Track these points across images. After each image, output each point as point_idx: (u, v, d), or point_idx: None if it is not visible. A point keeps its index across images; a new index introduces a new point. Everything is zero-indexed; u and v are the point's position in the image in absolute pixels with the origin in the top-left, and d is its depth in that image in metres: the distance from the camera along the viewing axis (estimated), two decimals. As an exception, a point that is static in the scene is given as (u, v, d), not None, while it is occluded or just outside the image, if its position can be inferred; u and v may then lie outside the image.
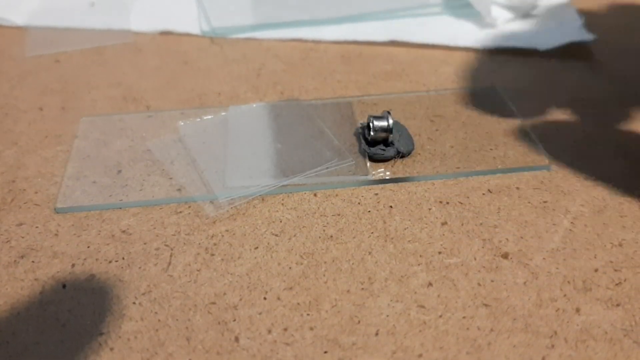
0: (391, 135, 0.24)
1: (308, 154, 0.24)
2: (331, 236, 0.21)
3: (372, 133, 0.24)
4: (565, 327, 0.18)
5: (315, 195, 0.23)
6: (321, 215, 0.22)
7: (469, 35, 0.33)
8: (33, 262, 0.20)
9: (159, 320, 0.18)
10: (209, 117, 0.26)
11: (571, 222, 0.21)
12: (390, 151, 0.24)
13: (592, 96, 0.28)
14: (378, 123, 0.24)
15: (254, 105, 0.27)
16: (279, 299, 0.19)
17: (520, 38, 0.32)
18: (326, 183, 0.23)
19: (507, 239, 0.21)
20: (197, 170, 0.23)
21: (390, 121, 0.24)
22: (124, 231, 0.21)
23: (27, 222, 0.22)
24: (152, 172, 0.24)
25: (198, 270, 0.20)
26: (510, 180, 0.23)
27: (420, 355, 0.17)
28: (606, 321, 0.18)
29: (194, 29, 0.35)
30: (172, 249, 0.21)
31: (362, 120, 0.26)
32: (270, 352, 0.17)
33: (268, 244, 0.21)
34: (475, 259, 0.20)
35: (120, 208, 0.22)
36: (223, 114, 0.26)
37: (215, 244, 0.21)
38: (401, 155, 0.24)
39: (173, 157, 0.24)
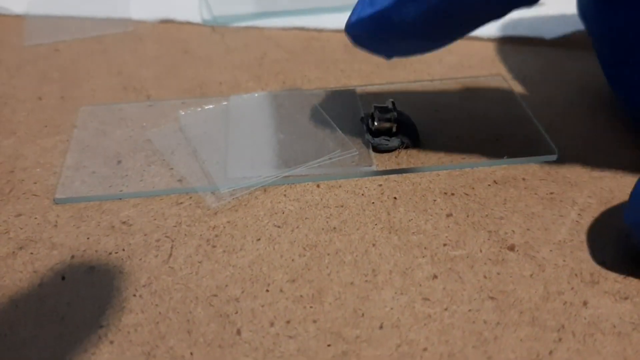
0: (395, 126, 0.23)
1: (311, 145, 0.24)
2: (334, 228, 0.21)
3: (375, 123, 0.23)
4: (573, 321, 0.18)
5: (318, 186, 0.22)
6: (324, 207, 0.22)
7: (474, 23, 0.32)
8: (32, 253, 0.20)
9: (160, 312, 0.18)
10: (210, 106, 0.26)
11: (578, 214, 0.21)
12: (394, 142, 0.23)
13: (599, 86, 0.28)
14: (382, 113, 0.23)
15: (256, 95, 0.27)
16: (281, 291, 0.19)
17: (527, 26, 0.32)
18: (329, 174, 0.23)
19: (513, 231, 0.20)
20: (198, 160, 0.23)
21: (395, 111, 0.23)
22: (124, 222, 0.21)
23: (26, 213, 0.21)
24: (152, 162, 0.23)
25: (199, 262, 0.20)
26: (516, 171, 0.23)
27: (425, 349, 0.17)
28: (614, 314, 0.18)
29: (195, 18, 0.34)
30: (173, 241, 0.20)
31: (365, 110, 0.25)
32: (272, 345, 0.17)
33: (270, 235, 0.20)
34: (481, 251, 0.20)
35: (120, 199, 0.22)
36: (224, 103, 0.26)
37: (216, 236, 0.20)
38: (405, 145, 0.24)
39: (174, 147, 0.24)
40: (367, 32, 0.20)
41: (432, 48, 0.21)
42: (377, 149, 0.24)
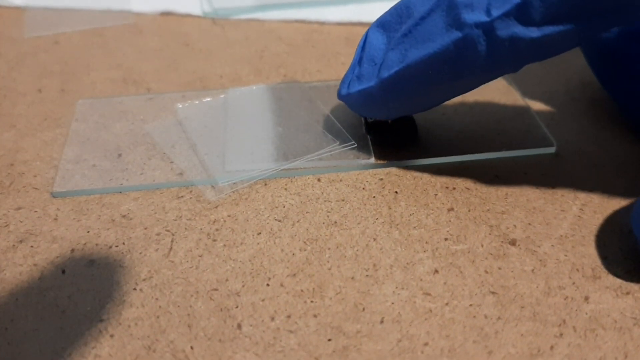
0: (392, 120, 0.23)
1: (310, 138, 0.23)
2: (335, 222, 0.21)
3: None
4: (574, 316, 0.18)
5: (319, 180, 0.22)
6: (325, 201, 0.21)
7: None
8: (32, 247, 0.20)
9: (160, 306, 0.18)
10: (208, 99, 0.26)
11: (580, 209, 0.21)
12: (394, 135, 0.23)
13: (601, 80, 0.27)
14: (383, 106, 0.23)
15: (254, 88, 0.26)
16: (282, 285, 0.19)
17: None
18: (329, 167, 0.23)
19: (514, 226, 0.20)
20: (197, 154, 0.23)
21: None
22: (124, 216, 0.21)
23: (26, 206, 0.21)
24: (152, 155, 0.23)
25: (200, 256, 0.20)
26: (517, 166, 0.23)
27: (426, 344, 0.17)
28: (616, 310, 0.18)
29: (196, 10, 0.34)
30: (173, 234, 0.20)
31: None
32: (273, 339, 0.17)
33: (271, 229, 0.20)
34: (482, 245, 0.20)
35: (121, 192, 0.22)
36: (222, 96, 0.26)
37: (217, 230, 0.20)
38: (406, 139, 0.23)
39: (174, 141, 0.24)
40: (359, 103, 0.21)
41: (426, 110, 0.22)
42: (377, 143, 0.23)
